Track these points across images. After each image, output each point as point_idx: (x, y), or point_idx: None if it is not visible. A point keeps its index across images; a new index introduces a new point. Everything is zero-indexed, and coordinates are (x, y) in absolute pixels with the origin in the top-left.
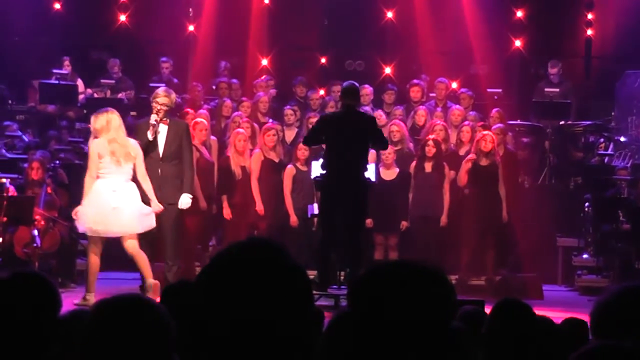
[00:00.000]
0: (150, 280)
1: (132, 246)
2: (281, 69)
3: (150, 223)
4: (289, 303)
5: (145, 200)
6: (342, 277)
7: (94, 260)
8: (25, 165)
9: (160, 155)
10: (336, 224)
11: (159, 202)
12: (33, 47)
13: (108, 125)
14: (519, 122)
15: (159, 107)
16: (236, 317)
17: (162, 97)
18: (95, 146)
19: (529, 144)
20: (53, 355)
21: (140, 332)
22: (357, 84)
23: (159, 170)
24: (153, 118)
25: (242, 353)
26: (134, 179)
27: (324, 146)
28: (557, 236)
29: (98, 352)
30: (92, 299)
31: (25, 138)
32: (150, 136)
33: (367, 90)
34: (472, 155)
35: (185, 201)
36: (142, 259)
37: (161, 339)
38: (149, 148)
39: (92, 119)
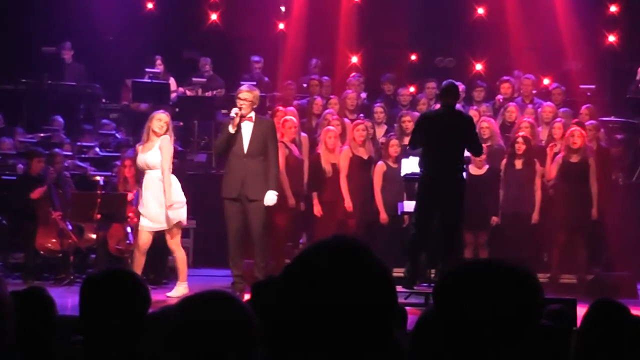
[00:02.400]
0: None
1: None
2: (371, 66)
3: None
4: (372, 302)
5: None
6: (432, 275)
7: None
8: (118, 163)
9: (245, 151)
10: (431, 223)
11: (244, 198)
12: (126, 46)
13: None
14: (612, 118)
15: (240, 102)
16: (317, 314)
17: (244, 92)
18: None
19: (623, 140)
20: (143, 351)
21: (221, 327)
22: (456, 83)
23: (243, 167)
24: (234, 111)
25: (322, 351)
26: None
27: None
28: None
29: (181, 347)
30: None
31: (118, 136)
32: (231, 129)
33: (460, 88)
34: (562, 153)
35: (270, 198)
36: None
37: (242, 335)
38: (232, 144)
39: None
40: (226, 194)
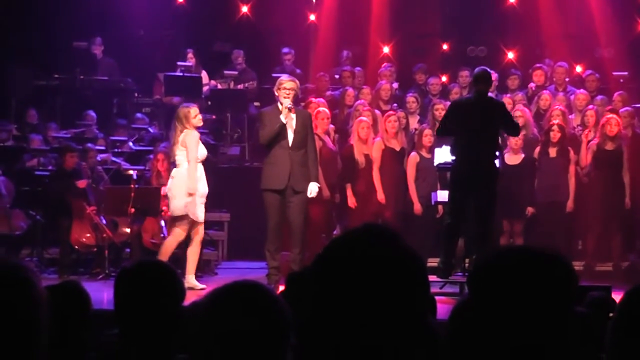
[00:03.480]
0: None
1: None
2: (402, 56)
3: None
4: (402, 288)
5: None
6: (467, 264)
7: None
8: (151, 157)
9: (290, 143)
10: (465, 211)
11: (289, 190)
12: (157, 40)
13: None
14: None
15: (287, 91)
16: (348, 302)
17: (289, 81)
18: None
19: None
20: (177, 344)
21: (252, 318)
22: (489, 70)
23: (289, 159)
24: (287, 102)
25: (354, 340)
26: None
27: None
28: None
29: (212, 339)
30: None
31: (152, 130)
32: (283, 119)
33: (492, 76)
34: (596, 140)
35: (314, 189)
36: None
37: (274, 325)
38: (278, 135)
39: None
40: (270, 185)
